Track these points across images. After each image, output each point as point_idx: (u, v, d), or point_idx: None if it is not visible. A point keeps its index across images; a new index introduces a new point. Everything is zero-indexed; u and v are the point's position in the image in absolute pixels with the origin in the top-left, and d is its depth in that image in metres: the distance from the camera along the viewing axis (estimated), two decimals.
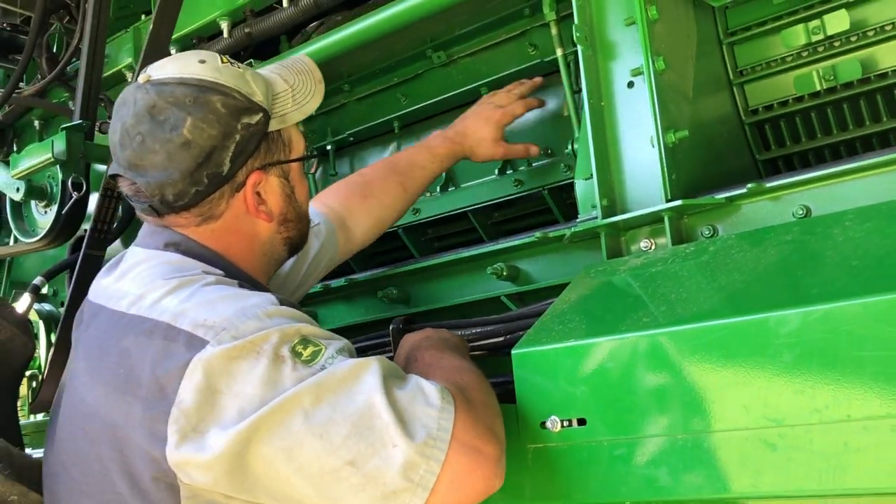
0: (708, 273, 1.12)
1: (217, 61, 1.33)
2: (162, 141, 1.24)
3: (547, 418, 1.10)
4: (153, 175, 1.25)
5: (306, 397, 1.04)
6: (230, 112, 1.27)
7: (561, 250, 1.54)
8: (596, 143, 1.43)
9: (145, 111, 1.25)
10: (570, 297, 1.24)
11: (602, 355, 1.06)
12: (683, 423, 0.99)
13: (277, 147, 1.37)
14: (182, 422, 1.06)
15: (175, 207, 1.28)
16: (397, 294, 1.76)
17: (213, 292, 1.16)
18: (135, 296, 1.19)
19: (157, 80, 1.28)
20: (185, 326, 1.11)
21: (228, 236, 1.33)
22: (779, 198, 1.26)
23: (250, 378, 1.05)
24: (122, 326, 1.17)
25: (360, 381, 1.06)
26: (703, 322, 0.98)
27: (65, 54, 2.32)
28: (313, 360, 1.08)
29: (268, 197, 1.35)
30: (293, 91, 1.40)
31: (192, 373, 1.06)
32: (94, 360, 1.18)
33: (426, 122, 2.22)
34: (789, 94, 1.60)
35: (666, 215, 1.32)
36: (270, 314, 1.12)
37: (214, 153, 1.26)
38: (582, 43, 1.46)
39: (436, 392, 1.07)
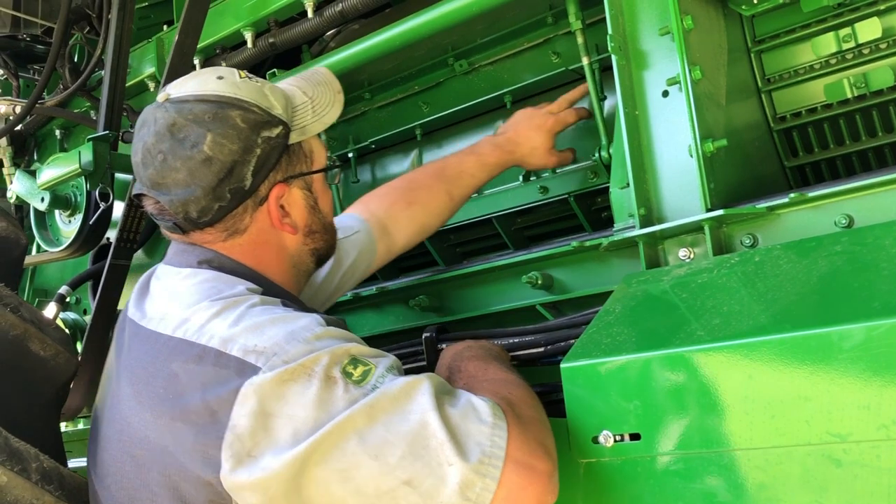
0: (758, 284, 1.12)
1: (235, 76, 1.33)
2: (183, 158, 1.24)
3: (599, 433, 1.11)
4: (176, 193, 1.26)
5: (360, 418, 1.05)
6: (250, 126, 1.27)
7: (596, 259, 1.55)
8: (632, 152, 1.44)
9: (165, 129, 1.25)
10: (615, 307, 1.25)
11: (656, 369, 1.06)
12: (743, 437, 0.99)
13: (299, 159, 1.37)
14: (237, 447, 1.06)
15: (199, 224, 1.29)
16: (428, 302, 1.77)
17: (261, 315, 1.16)
18: (180, 319, 1.19)
19: (175, 98, 1.28)
20: (236, 352, 1.11)
21: (256, 250, 1.33)
22: (821, 207, 1.27)
23: (303, 401, 1.06)
24: (168, 350, 1.17)
25: (412, 400, 1.07)
26: (762, 336, 0.99)
27: (87, 65, 2.32)
28: (364, 379, 1.08)
29: (291, 209, 1.36)
30: (312, 103, 1.40)
31: (244, 398, 1.07)
32: (140, 385, 1.18)
33: (448, 129, 2.23)
34: (817, 101, 1.61)
35: (706, 224, 1.33)
36: (319, 336, 1.12)
37: (236, 168, 1.26)
38: (616, 52, 1.47)
39: (487, 408, 1.08)
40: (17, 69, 2.76)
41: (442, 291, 1.78)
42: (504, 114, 2.12)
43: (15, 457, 1.03)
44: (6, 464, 1.01)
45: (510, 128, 1.83)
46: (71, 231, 2.27)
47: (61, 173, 2.04)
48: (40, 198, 2.26)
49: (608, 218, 1.94)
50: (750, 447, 0.99)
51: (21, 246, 1.34)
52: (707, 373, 1.03)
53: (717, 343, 1.03)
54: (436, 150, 2.27)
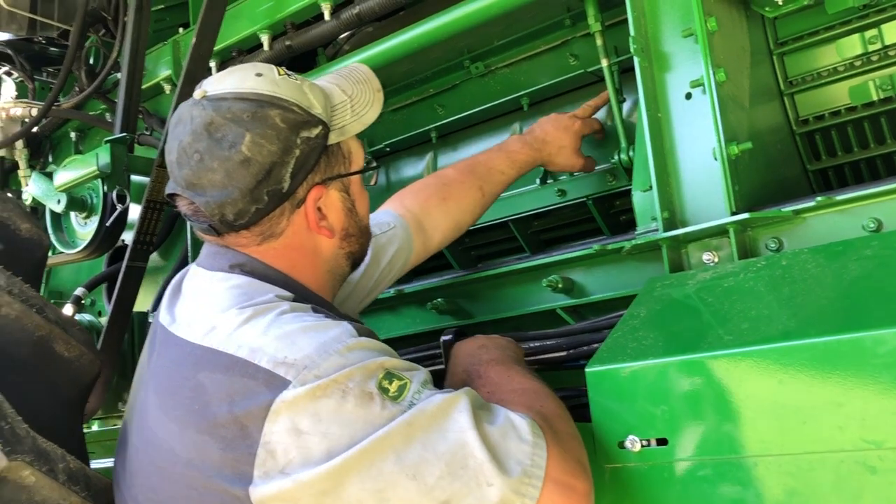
0: (785, 288, 1.11)
1: (274, 74, 1.29)
2: (220, 159, 1.20)
3: (625, 438, 1.09)
4: (212, 194, 1.22)
5: (398, 437, 1.03)
6: (289, 126, 1.23)
7: (617, 262, 1.53)
8: (655, 155, 1.43)
9: (203, 128, 1.22)
10: (639, 311, 1.24)
11: (685, 374, 1.05)
12: (773, 443, 0.98)
13: (337, 160, 1.33)
14: (269, 464, 1.04)
15: (235, 226, 1.25)
16: (446, 305, 1.75)
17: (290, 323, 1.12)
18: (207, 326, 1.16)
19: (213, 95, 1.24)
20: (265, 364, 1.07)
21: (291, 254, 1.29)
22: (848, 210, 1.25)
23: (338, 418, 1.03)
24: (195, 359, 1.14)
25: (450, 418, 1.05)
26: (793, 341, 0.97)
27: (103, 67, 2.32)
28: (401, 395, 1.06)
29: (328, 212, 1.31)
30: (352, 101, 1.36)
31: (276, 415, 1.04)
32: (166, 395, 1.16)
33: (464, 132, 2.22)
34: (841, 103, 1.60)
35: (731, 228, 1.32)
36: (351, 348, 1.09)
37: (274, 169, 1.22)
38: (639, 55, 1.46)
39: (527, 426, 1.07)
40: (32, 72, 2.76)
41: (460, 294, 1.77)
42: (521, 116, 2.11)
43: (42, 457, 1.03)
44: (34, 464, 1.00)
45: (537, 128, 1.84)
46: (87, 233, 2.27)
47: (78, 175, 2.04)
48: (56, 200, 2.26)
49: (627, 221, 1.94)
50: (781, 453, 0.98)
51: (44, 247, 1.34)
52: (736, 378, 1.02)
53: (747, 348, 1.01)
54: (451, 153, 2.27)
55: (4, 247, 1.28)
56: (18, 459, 0.99)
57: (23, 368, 1.15)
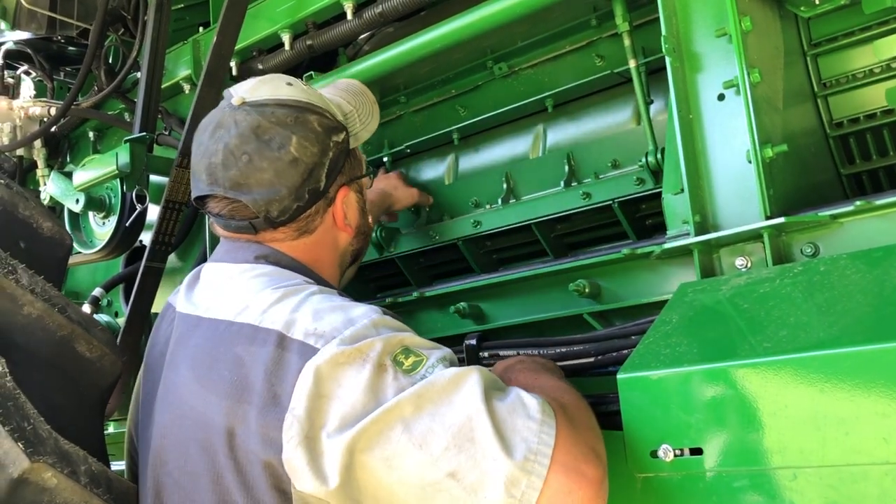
0: (825, 294, 1.07)
1: (301, 84, 1.43)
2: (270, 159, 1.29)
3: (658, 446, 1.06)
4: (259, 192, 1.30)
5: (407, 407, 1.05)
6: (325, 130, 1.35)
7: (646, 267, 1.50)
8: (686, 157, 1.40)
9: (250, 132, 1.30)
10: (672, 317, 1.20)
11: (721, 382, 1.02)
12: (814, 454, 0.95)
13: (355, 163, 1.46)
14: (296, 428, 1.07)
15: (276, 223, 1.34)
16: (469, 309, 1.73)
17: (321, 302, 1.19)
18: (242, 305, 1.22)
19: (253, 101, 1.33)
20: (298, 336, 1.13)
21: (318, 248, 1.40)
22: (888, 216, 1.22)
23: (355, 384, 1.07)
24: (231, 334, 1.19)
25: (460, 392, 1.06)
26: (835, 349, 0.94)
27: (122, 66, 2.31)
28: (414, 369, 1.09)
29: (348, 211, 1.44)
30: (358, 111, 1.49)
31: (303, 379, 1.08)
32: (203, 370, 1.19)
33: (486, 133, 2.19)
34: (876, 106, 1.56)
35: (765, 233, 1.28)
36: (376, 324, 1.14)
37: (315, 170, 1.33)
38: (670, 54, 1.43)
39: (537, 405, 1.07)
40: (51, 71, 2.76)
41: (483, 298, 1.74)
42: (545, 118, 2.08)
43: (64, 459, 1.02)
44: (56, 466, 0.99)
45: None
46: (105, 233, 2.26)
47: (98, 175, 2.03)
48: (75, 199, 2.25)
49: (653, 226, 1.90)
50: (822, 465, 0.95)
51: (66, 246, 1.35)
52: (775, 386, 0.98)
53: (787, 356, 0.98)
54: (472, 155, 2.24)
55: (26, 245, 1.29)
56: (41, 461, 0.99)
57: (45, 368, 1.15)
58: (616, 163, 1.93)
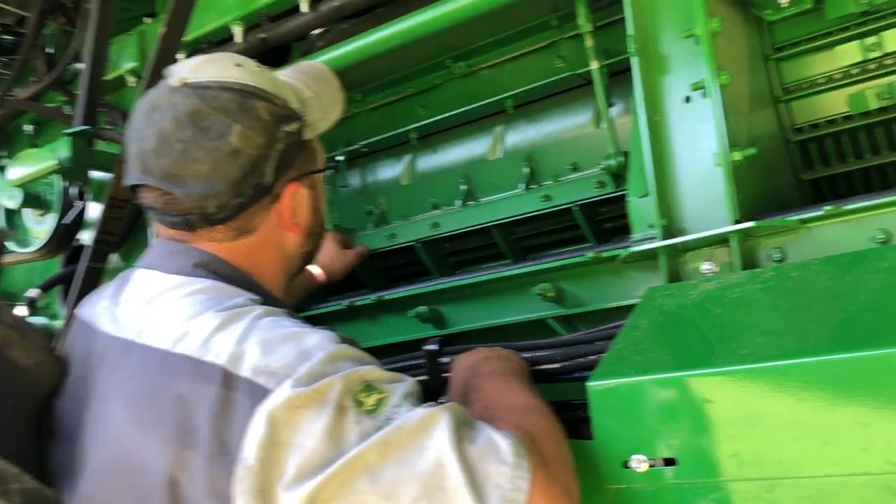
0: (799, 300, 1.05)
1: (252, 66, 1.26)
2: (207, 149, 1.16)
3: (630, 457, 1.03)
4: (193, 186, 1.17)
5: (372, 455, 0.96)
6: (273, 119, 1.21)
7: (611, 272, 1.47)
8: (654, 160, 1.37)
9: (187, 117, 1.17)
10: (641, 322, 1.17)
11: (696, 390, 0.99)
12: (792, 464, 0.92)
13: (310, 156, 1.32)
14: (248, 481, 0.97)
15: (213, 220, 1.20)
16: (429, 313, 1.68)
17: (269, 329, 1.07)
18: (179, 332, 1.08)
19: (195, 83, 1.19)
20: (245, 373, 1.02)
21: (259, 251, 1.25)
22: (856, 221, 1.21)
23: (314, 430, 0.97)
24: (170, 368, 1.07)
25: (429, 436, 0.98)
26: (815, 356, 0.92)
27: (63, 57, 2.20)
28: (377, 409, 1.00)
29: (298, 209, 1.29)
30: (318, 98, 1.34)
31: (255, 425, 0.98)
32: (140, 409, 1.07)
33: (445, 133, 2.15)
34: (837, 112, 1.56)
35: (734, 237, 1.27)
36: (334, 357, 1.03)
37: (260, 163, 1.19)
38: (637, 55, 1.40)
39: (509, 447, 1.00)
40: None
41: (443, 302, 1.69)
42: (505, 119, 2.05)
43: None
44: None
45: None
46: (42, 231, 2.14)
47: (36, 170, 1.92)
48: (9, 195, 2.12)
49: (613, 229, 1.88)
50: (800, 475, 0.92)
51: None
52: (752, 395, 0.96)
53: (764, 363, 0.96)
54: (430, 155, 2.19)
55: None
56: None
57: None
58: (576, 166, 1.91)
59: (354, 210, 2.25)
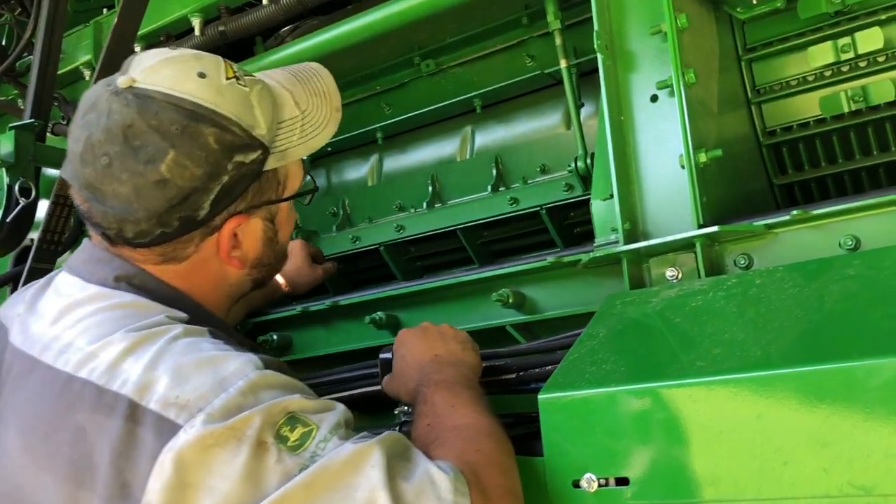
0: (762, 309, 0.99)
1: (221, 77, 1.08)
2: (132, 172, 1.02)
3: (581, 476, 0.96)
4: (112, 205, 1.04)
5: (296, 497, 0.87)
6: (223, 149, 1.05)
7: (573, 277, 1.41)
8: (617, 161, 1.31)
9: (119, 130, 1.03)
10: (598, 331, 1.11)
11: (650, 404, 0.92)
12: (749, 486, 0.86)
13: (270, 186, 1.14)
14: None
15: (132, 244, 1.08)
16: (386, 320, 1.61)
17: (184, 354, 0.96)
18: (84, 353, 0.98)
19: (141, 90, 1.05)
20: (153, 406, 0.91)
21: (191, 277, 1.12)
22: (825, 226, 1.15)
23: (229, 471, 0.88)
24: (72, 396, 0.97)
25: (359, 474, 0.89)
26: (774, 369, 0.86)
27: (15, 48, 2.12)
28: (302, 445, 0.90)
29: (245, 240, 1.14)
30: (303, 119, 1.15)
31: (161, 467, 0.88)
32: (36, 439, 0.97)
33: (412, 133, 2.09)
34: (809, 115, 1.51)
35: (698, 242, 1.20)
36: (255, 386, 0.93)
37: (193, 196, 1.04)
38: (602, 51, 1.34)
39: (448, 483, 0.91)
40: None
41: (400, 307, 1.62)
42: (473, 119, 1.99)
43: None
44: None
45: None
46: None
47: None
48: None
49: (581, 234, 1.82)
50: (758, 498, 0.86)
51: None
52: (709, 410, 0.89)
53: (721, 376, 0.90)
54: (397, 155, 2.13)
55: None
56: None
57: None
58: (545, 168, 1.86)
59: (318, 211, 2.18)
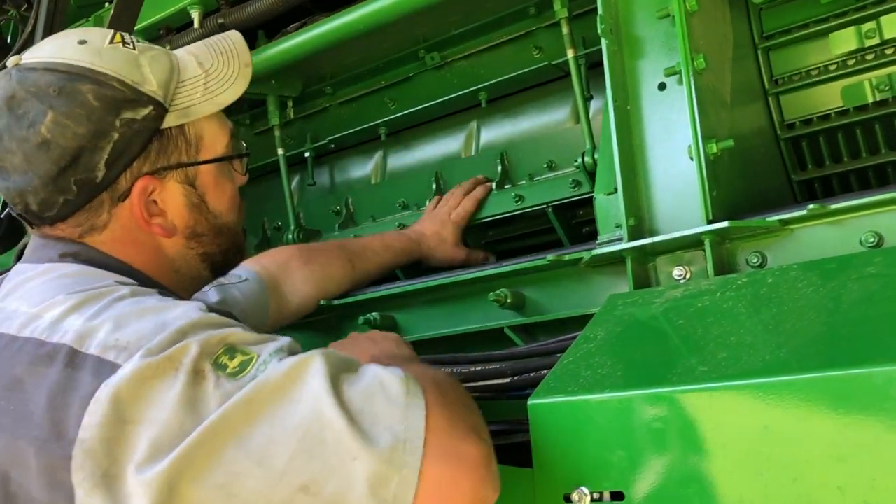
0: (773, 311, 0.91)
1: (103, 41, 1.11)
2: (19, 139, 1.06)
3: (572, 489, 0.89)
4: (14, 180, 1.08)
5: (236, 417, 0.84)
6: (105, 105, 1.06)
7: (575, 276, 1.33)
8: (622, 153, 1.23)
9: (4, 103, 1.07)
10: (596, 333, 1.03)
11: (647, 412, 0.85)
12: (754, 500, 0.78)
13: (177, 146, 1.14)
14: (89, 466, 0.85)
15: (43, 219, 1.10)
16: (381, 321, 1.54)
17: (129, 306, 0.96)
18: (27, 315, 0.99)
19: (25, 64, 1.09)
20: (93, 350, 0.91)
21: (125, 248, 1.12)
22: (844, 222, 1.07)
23: (167, 400, 0.85)
24: (12, 353, 0.96)
25: (300, 386, 0.85)
26: (783, 375, 0.77)
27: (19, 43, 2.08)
28: (242, 371, 0.88)
29: (166, 206, 1.14)
30: (206, 76, 1.16)
31: (96, 403, 0.86)
32: None
33: (417, 129, 2.03)
34: (831, 106, 1.42)
35: (707, 239, 1.12)
36: (195, 325, 0.92)
37: (83, 155, 1.06)
38: (607, 36, 1.27)
39: (399, 385, 0.87)
40: None
41: (395, 308, 1.55)
42: (478, 113, 1.92)
43: None
44: None
45: (419, 223, 1.82)
46: None
47: None
48: None
49: (590, 233, 1.74)
50: None
51: None
52: (711, 419, 0.82)
53: (725, 382, 0.82)
54: (402, 151, 2.07)
55: None
56: None
57: None
58: (552, 164, 1.79)
59: (321, 209, 2.13)
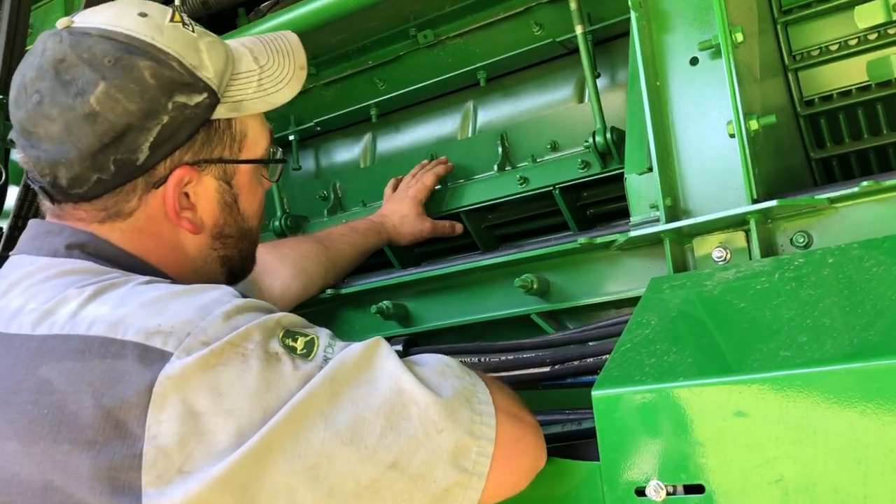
0: (846, 292, 0.88)
1: (164, 18, 1.05)
2: (62, 107, 0.97)
3: (646, 483, 0.85)
4: (46, 148, 0.99)
5: (321, 398, 0.85)
6: (160, 85, 1.00)
7: (604, 260, 1.29)
8: (656, 130, 1.19)
9: (51, 65, 0.98)
10: (649, 319, 0.99)
11: (729, 401, 0.80)
12: (851, 495, 0.74)
13: (223, 140, 1.08)
14: (162, 464, 0.81)
15: (70, 195, 1.01)
16: (394, 309, 1.47)
17: (154, 290, 0.91)
18: (39, 311, 0.92)
19: (78, 27, 1.01)
20: (131, 337, 0.85)
21: (144, 240, 1.04)
22: (888, 200, 1.04)
23: (242, 388, 0.83)
24: (31, 353, 0.89)
25: (378, 366, 0.89)
26: (881, 359, 0.74)
27: None
28: (311, 352, 0.88)
29: (198, 201, 1.07)
30: (261, 73, 1.11)
31: (162, 397, 0.82)
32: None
33: (408, 110, 1.95)
34: (851, 82, 1.40)
35: (752, 218, 1.09)
36: (240, 308, 0.89)
37: (129, 134, 0.99)
38: (636, 9, 1.22)
39: (456, 363, 0.95)
40: None
41: (409, 296, 1.49)
42: (477, 93, 1.86)
43: None
44: None
45: (380, 208, 1.82)
46: None
47: None
48: None
49: (595, 216, 1.70)
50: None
51: None
52: (800, 406, 0.78)
53: (815, 368, 0.78)
54: (392, 134, 1.99)
55: None
56: None
57: None
58: (555, 145, 1.74)
59: (307, 195, 2.04)
